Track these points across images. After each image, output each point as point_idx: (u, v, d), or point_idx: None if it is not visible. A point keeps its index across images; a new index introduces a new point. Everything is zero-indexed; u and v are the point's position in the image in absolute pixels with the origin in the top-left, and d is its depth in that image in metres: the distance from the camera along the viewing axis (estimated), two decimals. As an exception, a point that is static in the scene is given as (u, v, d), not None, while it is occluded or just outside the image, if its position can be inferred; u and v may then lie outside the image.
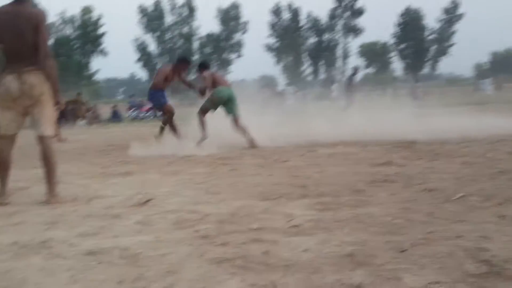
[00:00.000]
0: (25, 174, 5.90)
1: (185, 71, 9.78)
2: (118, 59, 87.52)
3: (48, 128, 4.22)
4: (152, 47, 66.08)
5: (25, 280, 2.28)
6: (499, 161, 5.44)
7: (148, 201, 4.03)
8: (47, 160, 4.21)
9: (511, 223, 2.99)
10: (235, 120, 8.67)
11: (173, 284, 2.18)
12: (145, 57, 65.83)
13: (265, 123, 9.19)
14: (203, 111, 8.89)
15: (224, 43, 67.20)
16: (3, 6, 4.20)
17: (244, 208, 3.71)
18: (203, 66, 9.58)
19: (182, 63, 9.83)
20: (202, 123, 8.81)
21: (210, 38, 66.77)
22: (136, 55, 65.62)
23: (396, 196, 3.89)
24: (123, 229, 3.19)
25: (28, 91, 4.09)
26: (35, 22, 4.08)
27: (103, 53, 61.11)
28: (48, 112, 4.22)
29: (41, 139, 4.22)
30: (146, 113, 28.55)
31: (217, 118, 8.81)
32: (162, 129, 9.24)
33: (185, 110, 12.21)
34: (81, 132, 17.27)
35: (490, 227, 2.90)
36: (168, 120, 9.20)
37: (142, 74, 64.69)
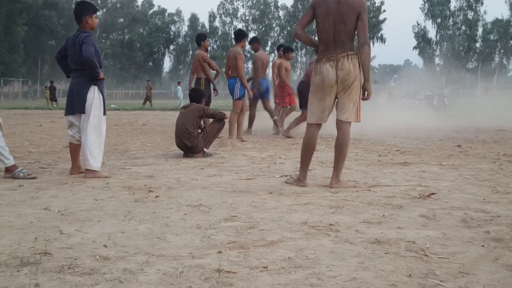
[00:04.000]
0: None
1: None
2: (395, 45, 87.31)
3: (352, 115, 4.35)
4: (432, 33, 64.32)
5: (317, 260, 2.40)
6: None
7: (431, 194, 3.92)
8: (342, 146, 4.35)
9: None
10: None
11: (467, 286, 2.07)
12: (423, 44, 64.49)
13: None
14: None
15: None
16: None
17: (541, 212, 3.34)
18: None
19: None
20: None
21: (497, 24, 61.68)
22: (413, 42, 64.83)
23: None
24: (407, 221, 3.16)
25: (344, 77, 4.25)
26: (359, 10, 4.23)
27: (382, 39, 61.71)
28: (355, 98, 4.34)
29: (342, 124, 4.37)
30: (419, 103, 27.77)
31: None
32: None
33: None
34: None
35: None
36: None
37: (418, 61, 63.36)
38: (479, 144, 8.09)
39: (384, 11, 63.66)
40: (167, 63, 74.61)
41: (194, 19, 71.62)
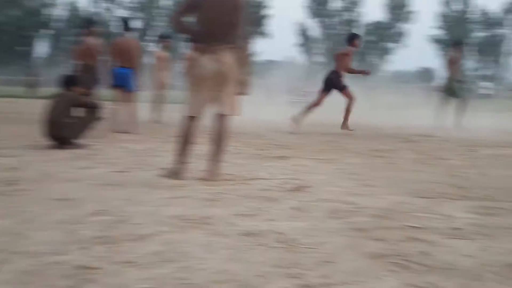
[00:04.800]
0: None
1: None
2: (279, 41, 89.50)
3: (231, 108, 4.35)
4: (315, 32, 66.55)
5: (188, 253, 2.38)
6: None
7: (303, 187, 4.05)
8: (220, 139, 4.36)
9: None
10: None
11: (328, 274, 2.15)
12: (306, 41, 66.68)
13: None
14: None
15: (387, 31, 65.48)
16: None
17: (401, 204, 3.57)
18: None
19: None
20: None
21: (373, 26, 65.50)
22: (297, 39, 66.72)
23: None
24: (279, 213, 3.22)
25: (223, 70, 4.22)
26: (240, 2, 4.22)
27: (266, 35, 62.66)
28: (233, 91, 4.34)
29: (220, 118, 4.35)
30: (300, 99, 28.37)
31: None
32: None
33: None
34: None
35: None
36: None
37: (301, 58, 65.25)
38: (354, 139, 8.50)
39: (269, 7, 64.75)
40: (42, 48, 70.15)
41: (72, 3, 68.24)
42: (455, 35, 58.87)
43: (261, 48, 69.35)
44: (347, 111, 9.54)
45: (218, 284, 2.04)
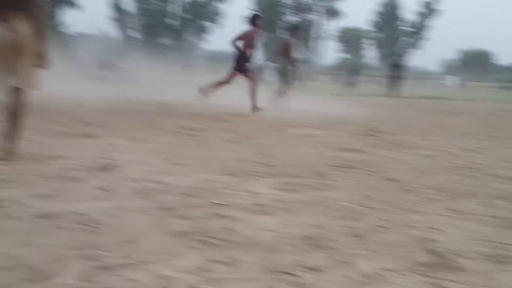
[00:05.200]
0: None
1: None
2: (91, 13, 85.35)
3: (29, 81, 3.99)
4: (129, 6, 64.29)
5: (-27, 239, 2.15)
6: (456, 157, 5.48)
7: (111, 166, 3.90)
8: (16, 114, 3.98)
9: (461, 216, 3.05)
10: None
11: (129, 255, 2.10)
12: (120, 15, 64.23)
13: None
14: None
15: (204, 10, 65.85)
16: None
17: (208, 182, 3.63)
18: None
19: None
20: None
21: (189, 4, 65.35)
22: (110, 12, 63.84)
23: (358, 183, 3.91)
24: (82, 193, 3.07)
25: (16, 39, 3.83)
26: None
27: (73, 5, 58.56)
28: (29, 63, 3.97)
29: (16, 91, 3.97)
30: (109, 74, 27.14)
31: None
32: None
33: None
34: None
35: (442, 219, 2.98)
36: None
37: (114, 32, 62.50)
38: (168, 118, 8.41)
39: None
40: None
41: None
42: (268, 18, 61.75)
43: (70, 20, 64.46)
44: (252, 94, 9.66)
45: (6, 271, 1.87)
